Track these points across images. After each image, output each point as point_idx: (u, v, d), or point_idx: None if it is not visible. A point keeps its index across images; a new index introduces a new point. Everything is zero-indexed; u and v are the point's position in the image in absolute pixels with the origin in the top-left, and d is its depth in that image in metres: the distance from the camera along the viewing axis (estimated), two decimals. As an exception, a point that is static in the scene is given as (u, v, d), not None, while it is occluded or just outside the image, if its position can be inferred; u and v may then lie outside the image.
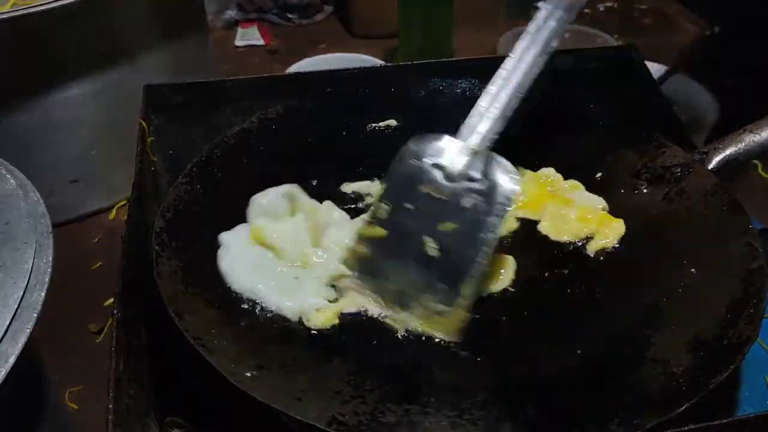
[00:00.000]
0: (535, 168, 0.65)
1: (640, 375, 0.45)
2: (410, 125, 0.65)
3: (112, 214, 0.85)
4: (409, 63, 0.76)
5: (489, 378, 0.46)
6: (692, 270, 0.52)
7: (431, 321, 0.49)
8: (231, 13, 1.37)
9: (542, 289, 0.54)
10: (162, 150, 0.71)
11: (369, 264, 0.51)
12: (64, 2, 0.68)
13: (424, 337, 0.49)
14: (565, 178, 0.64)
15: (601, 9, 1.49)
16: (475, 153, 0.52)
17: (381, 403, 0.43)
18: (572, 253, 0.58)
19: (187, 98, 0.70)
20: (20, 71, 0.74)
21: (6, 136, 0.76)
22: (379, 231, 0.52)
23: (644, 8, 1.48)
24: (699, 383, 0.42)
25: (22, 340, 0.39)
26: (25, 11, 0.67)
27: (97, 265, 0.79)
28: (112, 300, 0.48)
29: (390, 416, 0.42)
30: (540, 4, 0.56)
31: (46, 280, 0.42)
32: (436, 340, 0.49)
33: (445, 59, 0.83)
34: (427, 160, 0.52)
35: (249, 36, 1.32)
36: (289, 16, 1.38)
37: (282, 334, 0.47)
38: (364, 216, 0.55)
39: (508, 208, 0.50)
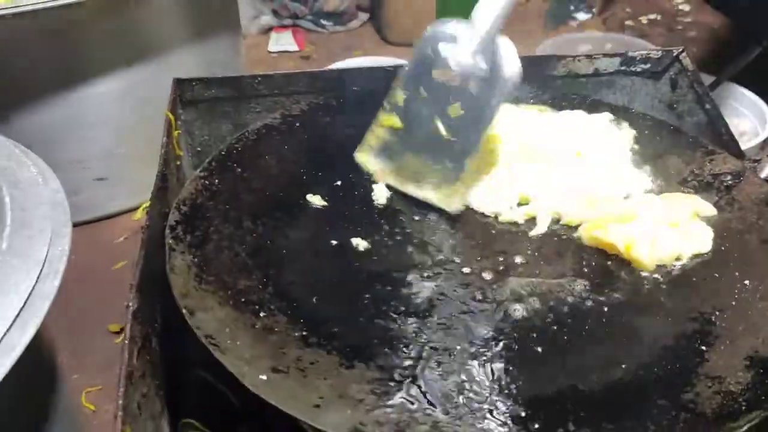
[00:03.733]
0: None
1: (692, 393, 0.42)
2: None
3: (138, 215, 0.84)
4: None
5: (526, 392, 0.43)
6: (745, 282, 0.50)
7: (440, 192, 0.57)
8: (266, 19, 1.36)
9: (585, 299, 0.51)
10: (189, 147, 0.70)
11: (389, 148, 0.60)
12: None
13: (457, 347, 0.46)
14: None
15: (644, 22, 1.46)
16: (483, 38, 0.56)
17: (408, 414, 0.40)
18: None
19: (217, 93, 0.69)
20: (45, 65, 0.73)
21: (31, 131, 0.75)
22: (396, 121, 0.59)
23: (689, 21, 1.45)
24: (759, 402, 0.39)
25: (31, 330, 0.37)
26: (49, 4, 0.66)
27: (120, 265, 0.79)
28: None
29: (417, 428, 0.39)
30: None
31: (61, 269, 0.40)
32: (471, 350, 0.45)
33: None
34: (442, 46, 0.57)
35: (283, 41, 1.31)
36: (324, 22, 1.37)
37: (300, 338, 0.44)
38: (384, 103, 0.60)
39: (504, 95, 0.55)
